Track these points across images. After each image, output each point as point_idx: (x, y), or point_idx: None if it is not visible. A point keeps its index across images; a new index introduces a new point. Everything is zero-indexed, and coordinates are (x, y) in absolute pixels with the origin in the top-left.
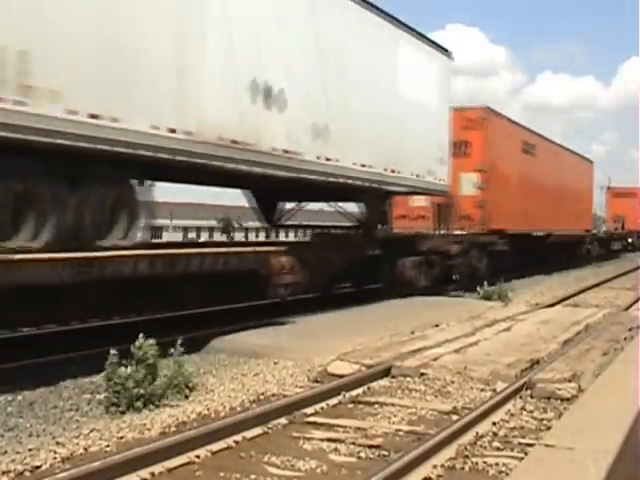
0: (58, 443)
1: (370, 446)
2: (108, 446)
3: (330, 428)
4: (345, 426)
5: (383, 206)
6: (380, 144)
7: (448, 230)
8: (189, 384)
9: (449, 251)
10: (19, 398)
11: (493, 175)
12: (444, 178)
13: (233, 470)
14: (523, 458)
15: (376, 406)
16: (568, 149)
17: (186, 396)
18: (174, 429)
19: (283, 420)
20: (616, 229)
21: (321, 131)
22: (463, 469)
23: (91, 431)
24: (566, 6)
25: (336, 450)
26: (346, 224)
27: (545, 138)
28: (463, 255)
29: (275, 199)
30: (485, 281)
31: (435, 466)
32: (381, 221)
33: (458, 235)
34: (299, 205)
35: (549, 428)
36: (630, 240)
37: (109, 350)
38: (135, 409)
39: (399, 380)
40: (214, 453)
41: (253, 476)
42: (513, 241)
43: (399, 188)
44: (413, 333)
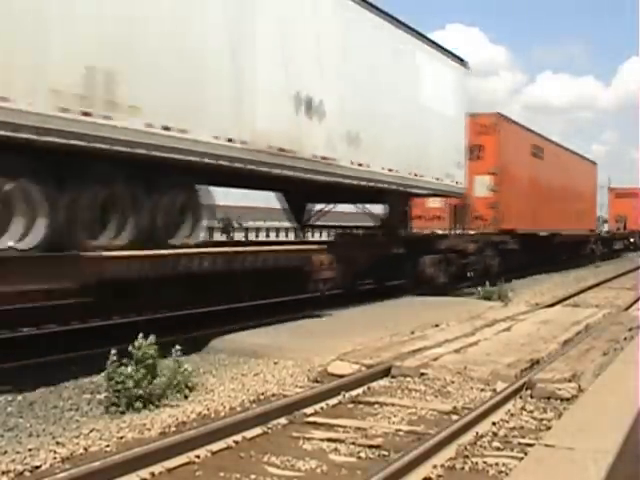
0: (58, 443)
1: (370, 446)
2: (108, 446)
3: (330, 428)
4: (345, 426)
5: (405, 207)
6: (405, 150)
7: (464, 230)
8: (189, 384)
9: (466, 249)
10: (19, 398)
11: (505, 177)
12: (461, 181)
13: (233, 470)
14: (523, 458)
15: (376, 406)
16: (573, 152)
17: (186, 396)
18: (174, 429)
19: (283, 420)
20: (618, 229)
21: (354, 139)
22: (463, 469)
23: (91, 431)
24: (566, 6)
25: (336, 450)
26: (368, 224)
27: (552, 142)
28: (478, 253)
29: (305, 201)
30: (497, 278)
31: (435, 466)
32: (402, 221)
33: (474, 235)
34: (328, 206)
35: (549, 428)
36: (632, 240)
37: (109, 350)
38: (135, 409)
39: (399, 380)
40: (214, 453)
41: (253, 476)
42: (522, 240)
43: (421, 190)
44: (413, 333)
